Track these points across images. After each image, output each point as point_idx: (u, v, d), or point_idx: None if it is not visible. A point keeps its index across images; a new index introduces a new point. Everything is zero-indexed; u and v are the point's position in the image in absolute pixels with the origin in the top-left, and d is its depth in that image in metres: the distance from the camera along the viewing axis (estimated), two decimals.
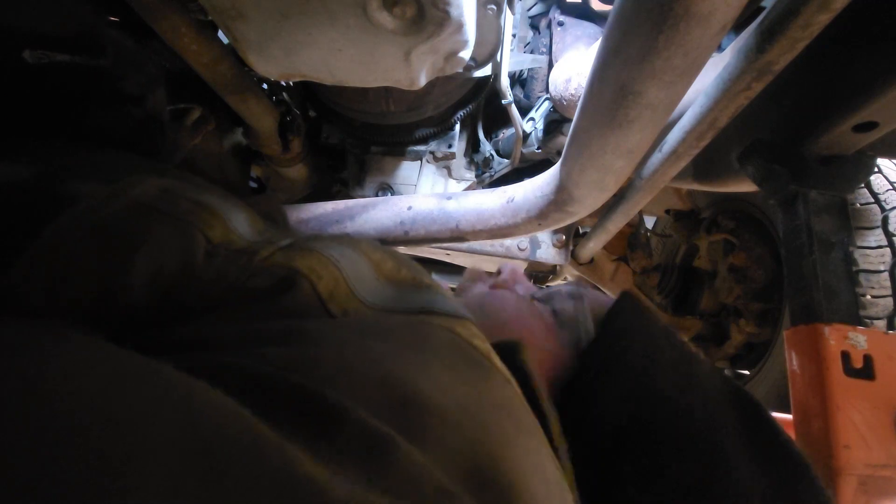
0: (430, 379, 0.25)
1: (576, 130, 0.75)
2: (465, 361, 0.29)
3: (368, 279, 0.34)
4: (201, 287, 0.31)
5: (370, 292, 0.33)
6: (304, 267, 0.32)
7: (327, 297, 0.31)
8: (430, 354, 0.28)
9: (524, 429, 0.28)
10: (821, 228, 0.76)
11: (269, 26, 0.72)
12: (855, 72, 0.72)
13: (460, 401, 0.25)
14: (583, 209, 0.91)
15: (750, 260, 1.54)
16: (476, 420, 0.25)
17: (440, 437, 0.23)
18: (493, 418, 0.26)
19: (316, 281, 0.31)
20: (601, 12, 1.22)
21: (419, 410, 0.23)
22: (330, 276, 0.32)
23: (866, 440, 0.63)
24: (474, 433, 0.24)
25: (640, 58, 0.52)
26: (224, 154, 1.28)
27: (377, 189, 1.38)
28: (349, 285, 0.32)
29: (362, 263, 0.35)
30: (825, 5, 0.49)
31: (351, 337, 0.27)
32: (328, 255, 0.33)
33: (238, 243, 0.33)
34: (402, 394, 0.23)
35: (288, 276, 0.31)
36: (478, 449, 0.23)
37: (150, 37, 1.02)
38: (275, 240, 0.35)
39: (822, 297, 0.71)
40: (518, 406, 0.29)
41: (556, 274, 1.82)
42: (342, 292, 0.32)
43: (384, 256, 0.37)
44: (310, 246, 0.34)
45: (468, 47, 0.79)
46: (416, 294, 0.34)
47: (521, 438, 0.27)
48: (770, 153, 0.81)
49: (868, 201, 1.20)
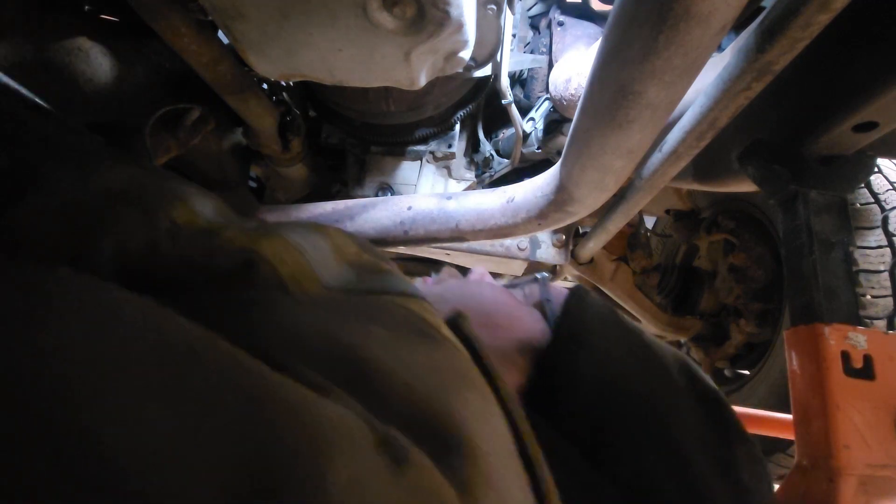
0: (379, 344, 0.26)
1: (576, 130, 0.75)
2: (416, 332, 0.30)
3: (331, 263, 0.35)
4: (166, 264, 0.31)
5: (332, 276, 0.34)
6: (267, 251, 0.32)
7: (289, 281, 0.31)
8: (381, 325, 0.29)
9: (476, 389, 0.29)
10: (821, 228, 0.76)
11: (269, 26, 0.72)
12: (855, 72, 0.72)
13: (409, 365, 0.26)
14: (583, 209, 0.91)
15: (750, 260, 1.54)
16: (425, 380, 0.26)
17: (384, 392, 0.23)
18: (443, 379, 0.27)
19: (278, 265, 0.31)
20: (601, 12, 1.22)
21: (364, 368, 0.24)
22: (293, 261, 0.32)
23: (866, 440, 0.63)
24: (423, 390, 0.25)
25: (640, 58, 0.52)
26: (224, 154, 1.29)
27: (377, 189, 1.38)
28: (312, 269, 0.33)
29: (325, 248, 0.35)
30: (825, 5, 0.49)
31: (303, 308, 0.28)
32: (292, 241, 0.33)
33: (202, 225, 0.33)
34: (348, 354, 0.24)
35: (251, 259, 0.31)
36: (425, 404, 0.24)
37: (150, 37, 1.02)
38: (240, 223, 0.35)
39: (822, 297, 0.71)
40: (468, 369, 0.31)
41: (556, 274, 1.82)
42: (305, 276, 0.32)
43: (346, 241, 0.37)
44: (275, 230, 0.34)
45: (468, 47, 0.79)
46: (376, 277, 0.35)
47: (472, 396, 0.28)
48: (770, 153, 0.81)
49: (868, 201, 1.20)
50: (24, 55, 0.92)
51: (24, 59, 0.93)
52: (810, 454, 0.66)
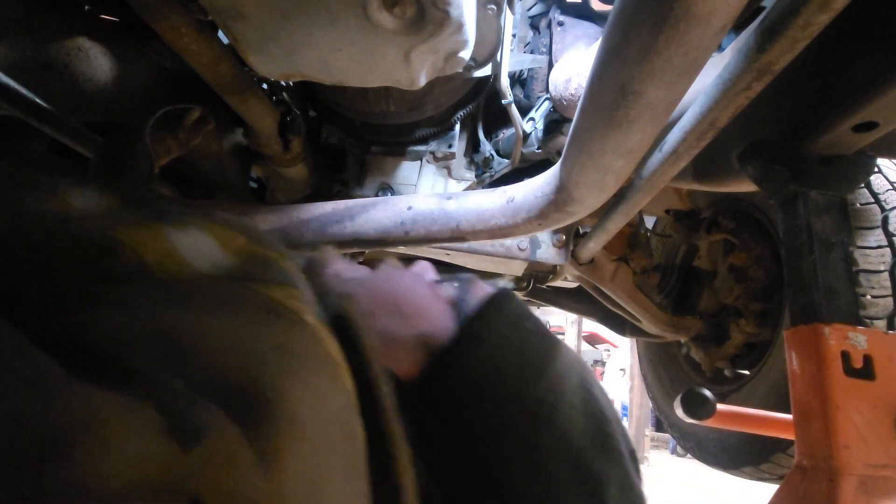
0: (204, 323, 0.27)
1: (576, 130, 0.75)
2: (259, 312, 0.30)
3: (211, 252, 0.34)
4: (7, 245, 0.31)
5: (211, 264, 0.33)
6: (126, 238, 0.31)
7: (155, 264, 0.31)
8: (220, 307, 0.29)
9: (322, 372, 0.29)
10: (821, 228, 0.76)
11: (269, 26, 0.72)
12: (855, 72, 0.72)
13: (236, 339, 0.27)
14: (583, 209, 0.91)
15: (750, 260, 1.54)
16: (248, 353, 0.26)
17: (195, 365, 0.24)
18: (271, 354, 0.27)
19: (142, 251, 0.31)
20: (601, 12, 1.22)
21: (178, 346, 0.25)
22: (160, 247, 0.32)
23: (866, 440, 0.63)
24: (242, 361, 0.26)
25: (640, 58, 0.52)
26: (224, 154, 1.29)
27: (377, 189, 1.38)
28: (182, 256, 0.32)
29: (205, 239, 0.35)
30: (825, 5, 0.49)
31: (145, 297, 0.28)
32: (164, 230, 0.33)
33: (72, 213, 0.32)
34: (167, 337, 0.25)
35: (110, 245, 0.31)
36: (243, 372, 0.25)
37: (150, 37, 1.02)
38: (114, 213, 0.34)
39: (822, 297, 0.71)
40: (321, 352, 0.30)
41: (556, 274, 1.82)
42: (175, 262, 0.31)
43: (233, 234, 0.36)
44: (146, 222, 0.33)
45: (468, 47, 0.79)
46: (258, 267, 0.34)
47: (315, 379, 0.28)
48: (770, 153, 0.81)
49: (868, 201, 1.20)
50: (24, 55, 0.92)
51: (24, 59, 0.93)
52: (810, 454, 0.66)
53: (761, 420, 1.21)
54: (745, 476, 1.54)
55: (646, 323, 1.75)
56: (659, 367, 2.12)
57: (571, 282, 1.93)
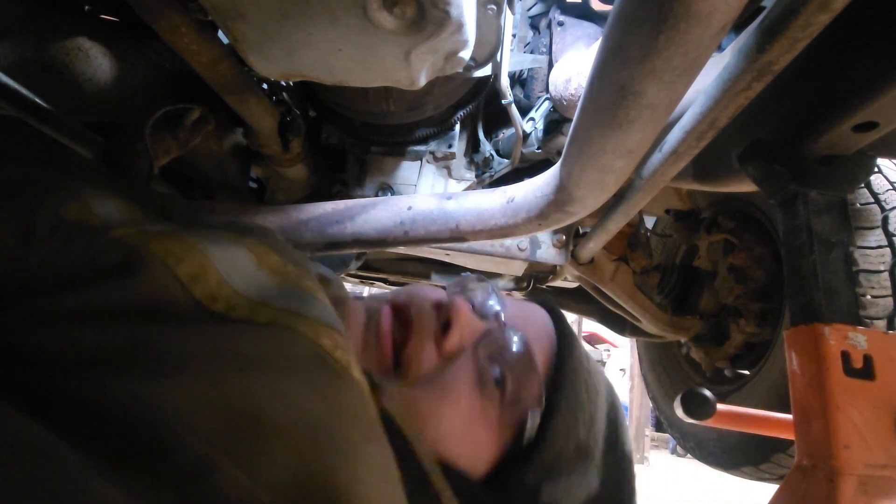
0: (276, 396, 0.26)
1: (576, 130, 0.75)
2: (322, 372, 0.29)
3: (247, 268, 0.33)
4: (43, 258, 0.29)
5: (247, 281, 0.32)
6: (158, 249, 0.30)
7: (188, 280, 0.29)
8: (283, 368, 0.28)
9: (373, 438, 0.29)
10: (821, 228, 0.76)
11: (269, 26, 0.72)
12: (855, 72, 0.72)
13: (304, 414, 0.26)
14: (583, 209, 0.91)
15: (750, 260, 1.54)
16: (317, 432, 0.25)
17: (271, 455, 0.23)
18: (339, 428, 0.27)
19: (173, 264, 0.30)
20: (601, 12, 1.22)
21: (254, 431, 0.24)
22: (193, 261, 0.30)
23: (866, 440, 0.63)
24: (312, 445, 0.25)
25: (640, 58, 0.52)
26: (224, 154, 1.29)
27: (377, 189, 1.37)
28: (219, 272, 0.31)
29: (240, 253, 0.34)
30: (825, 5, 0.49)
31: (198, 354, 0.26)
32: (199, 244, 0.32)
33: (94, 223, 0.31)
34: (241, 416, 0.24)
35: (140, 256, 0.29)
36: (312, 462, 0.24)
37: (150, 37, 1.02)
38: (140, 223, 0.33)
39: (822, 297, 0.71)
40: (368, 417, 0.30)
41: (556, 274, 1.82)
42: (211, 278, 0.30)
43: (269, 250, 0.36)
44: (180, 234, 0.32)
45: (468, 47, 0.79)
46: (295, 293, 0.34)
47: (368, 447, 0.28)
48: (770, 153, 0.81)
49: (868, 201, 1.20)
50: (24, 55, 0.92)
51: (24, 59, 0.93)
52: (810, 454, 0.66)
53: (761, 420, 1.20)
54: (745, 476, 1.54)
55: (646, 323, 1.75)
56: (659, 368, 2.12)
57: (571, 282, 1.93)
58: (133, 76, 1.02)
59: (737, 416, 1.21)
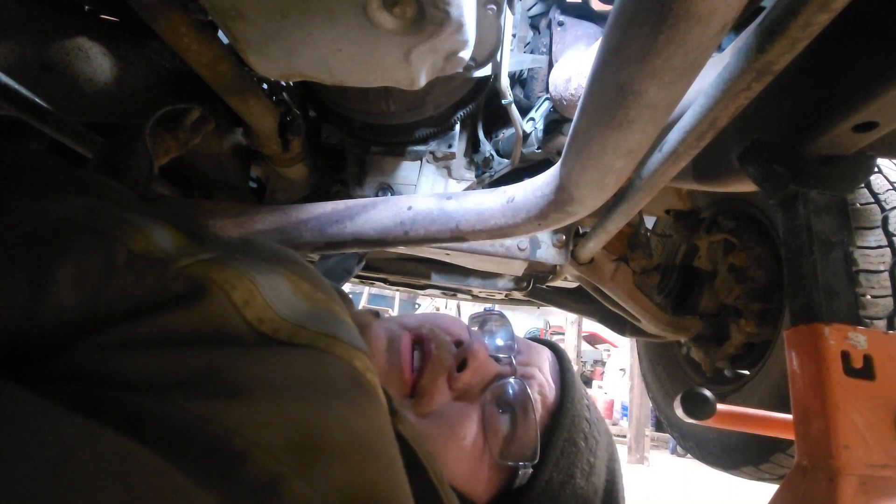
0: (326, 417, 0.30)
1: (576, 130, 0.74)
2: (358, 393, 0.34)
3: (286, 294, 0.37)
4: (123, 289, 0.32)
5: (286, 306, 0.36)
6: (218, 278, 0.34)
7: (242, 305, 0.34)
8: (329, 390, 0.32)
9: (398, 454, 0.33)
10: (821, 228, 0.76)
11: (269, 26, 0.72)
12: (855, 72, 0.72)
13: (352, 432, 0.30)
14: (583, 209, 0.91)
15: (750, 260, 1.54)
16: (363, 449, 0.30)
17: (328, 470, 0.27)
18: (378, 445, 0.31)
19: (230, 291, 0.34)
20: (601, 12, 1.22)
21: (313, 449, 0.28)
22: (244, 288, 0.35)
23: (866, 440, 0.63)
24: (360, 461, 0.29)
25: (640, 58, 0.52)
26: (224, 154, 1.29)
27: (377, 189, 1.37)
28: (264, 297, 0.35)
29: (279, 280, 0.38)
30: (825, 5, 0.49)
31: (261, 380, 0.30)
32: (246, 272, 0.36)
33: (159, 255, 0.35)
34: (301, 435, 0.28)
35: (203, 285, 0.33)
36: (358, 475, 0.28)
37: (150, 37, 1.02)
38: (195, 253, 0.37)
39: (822, 297, 0.71)
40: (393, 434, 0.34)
41: (555, 274, 1.82)
42: (258, 303, 0.35)
43: (300, 280, 0.40)
44: (229, 262, 0.37)
45: (468, 47, 0.79)
46: (327, 317, 0.38)
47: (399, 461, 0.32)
48: (770, 153, 0.81)
49: (868, 201, 1.20)
50: (24, 55, 0.92)
51: (24, 59, 0.93)
52: (810, 454, 0.66)
53: (761, 420, 1.20)
54: (745, 476, 1.54)
55: (646, 323, 1.75)
56: (659, 368, 2.12)
57: (571, 282, 1.93)
58: (133, 76, 1.02)
59: (737, 416, 1.21)
